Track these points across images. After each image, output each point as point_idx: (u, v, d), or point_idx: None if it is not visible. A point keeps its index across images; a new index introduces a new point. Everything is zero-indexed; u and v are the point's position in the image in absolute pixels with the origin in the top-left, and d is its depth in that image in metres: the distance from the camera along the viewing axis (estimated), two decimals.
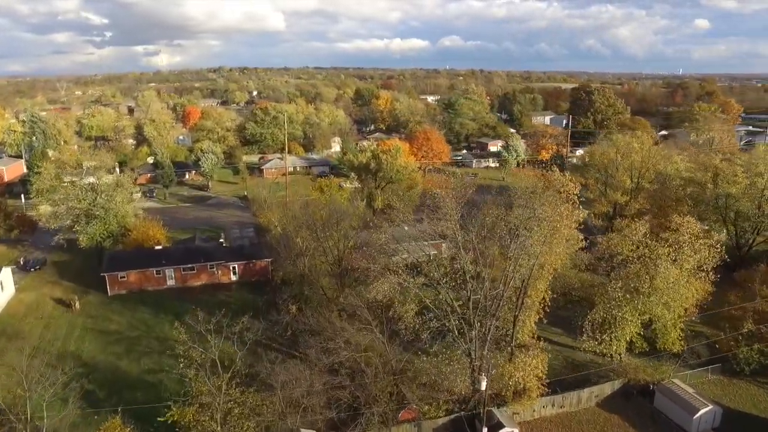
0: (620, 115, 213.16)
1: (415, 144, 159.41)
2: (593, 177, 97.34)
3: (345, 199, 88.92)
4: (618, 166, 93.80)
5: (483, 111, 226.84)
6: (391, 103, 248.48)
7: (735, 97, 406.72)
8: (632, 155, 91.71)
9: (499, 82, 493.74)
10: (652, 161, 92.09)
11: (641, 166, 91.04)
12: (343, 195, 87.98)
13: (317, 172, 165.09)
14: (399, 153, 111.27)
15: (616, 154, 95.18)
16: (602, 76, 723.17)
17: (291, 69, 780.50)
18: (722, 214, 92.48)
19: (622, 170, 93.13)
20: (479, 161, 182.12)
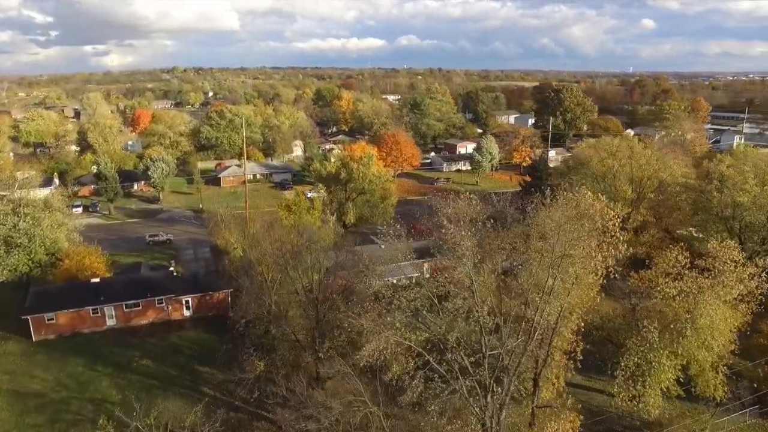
0: (589, 113, 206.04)
1: (384, 148, 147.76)
2: (590, 186, 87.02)
3: (316, 218, 76.20)
4: (616, 173, 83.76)
5: (450, 111, 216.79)
6: (353, 104, 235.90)
7: (686, 95, 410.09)
8: (633, 161, 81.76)
9: (458, 81, 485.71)
10: (654, 168, 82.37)
11: (643, 174, 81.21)
12: (315, 214, 75.30)
13: (279, 180, 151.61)
14: (371, 161, 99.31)
15: (614, 160, 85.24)
16: (557, 75, 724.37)
17: (248, 69, 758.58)
18: (728, 225, 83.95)
19: (623, 178, 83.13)
20: (449, 164, 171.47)
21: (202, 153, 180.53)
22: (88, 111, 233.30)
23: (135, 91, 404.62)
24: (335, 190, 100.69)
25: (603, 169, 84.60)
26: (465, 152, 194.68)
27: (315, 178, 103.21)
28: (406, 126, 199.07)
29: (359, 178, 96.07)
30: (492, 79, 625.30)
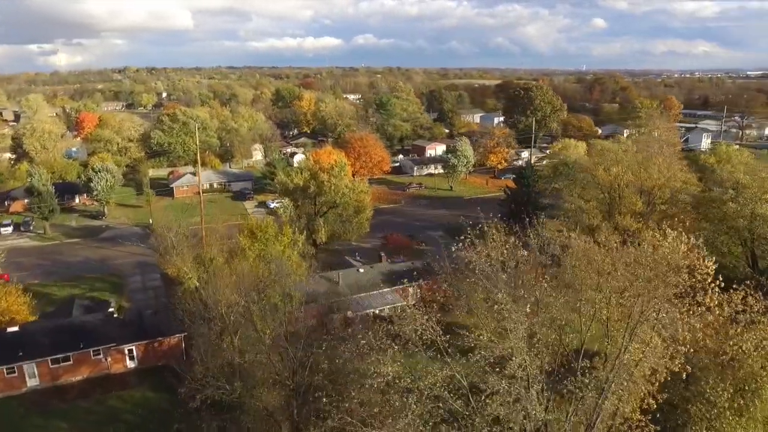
0: (559, 112, 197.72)
1: (351, 152, 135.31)
2: (593, 197, 76.72)
3: (286, 246, 63.20)
4: (625, 183, 73.45)
5: (417, 111, 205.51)
6: (315, 104, 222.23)
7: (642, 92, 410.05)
8: (643, 169, 71.58)
9: (419, 80, 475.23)
10: (666, 176, 72.36)
11: (654, 183, 71.15)
12: (284, 241, 62.22)
13: (238, 189, 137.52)
14: (343, 171, 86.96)
15: (621, 168, 74.96)
16: (514, 73, 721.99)
17: (203, 69, 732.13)
18: (740, 236, 75.03)
19: (632, 188, 72.93)
20: (420, 168, 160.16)
21: (154, 160, 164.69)
22: (28, 114, 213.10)
23: (84, 92, 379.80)
24: (303, 204, 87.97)
25: (609, 179, 74.21)
26: (434, 154, 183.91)
27: (280, 192, 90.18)
28: (372, 127, 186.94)
29: (330, 191, 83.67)
30: (451, 77, 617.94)
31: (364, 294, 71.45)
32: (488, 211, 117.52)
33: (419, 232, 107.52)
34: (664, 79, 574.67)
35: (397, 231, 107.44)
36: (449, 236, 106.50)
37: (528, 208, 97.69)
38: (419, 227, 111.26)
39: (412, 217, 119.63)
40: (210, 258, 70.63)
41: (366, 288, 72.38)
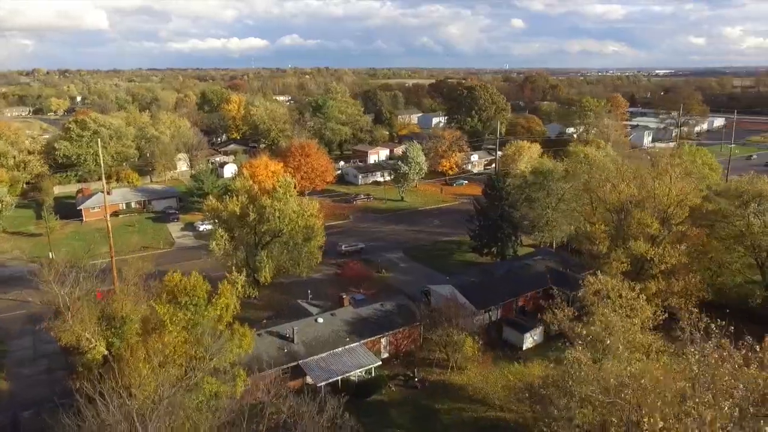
0: (504, 112, 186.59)
1: (291, 162, 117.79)
2: (600, 219, 62.92)
3: (226, 314, 44.89)
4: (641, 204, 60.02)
5: (356, 112, 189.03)
6: (245, 108, 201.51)
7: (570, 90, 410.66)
8: (658, 186, 58.38)
9: (349, 80, 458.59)
10: (685, 192, 59.54)
11: (670, 202, 58.13)
12: (222, 302, 43.97)
13: (161, 208, 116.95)
14: (289, 192, 69.70)
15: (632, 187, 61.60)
16: (441, 72, 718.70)
17: (122, 71, 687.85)
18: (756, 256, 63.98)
19: (645, 207, 59.60)
20: (365, 176, 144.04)
21: (61, 174, 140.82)
22: None
23: None
24: (241, 234, 70.15)
25: (618, 198, 60.58)
26: (378, 159, 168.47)
27: (211, 219, 71.57)
28: (310, 132, 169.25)
29: (274, 218, 66.34)
30: (381, 77, 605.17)
31: (327, 353, 54.91)
32: (451, 225, 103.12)
33: (376, 255, 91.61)
34: (585, 77, 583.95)
35: (349, 255, 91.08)
36: (410, 258, 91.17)
37: (502, 224, 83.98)
38: (375, 249, 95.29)
39: (365, 235, 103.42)
40: (122, 317, 52.35)
41: (329, 344, 55.88)
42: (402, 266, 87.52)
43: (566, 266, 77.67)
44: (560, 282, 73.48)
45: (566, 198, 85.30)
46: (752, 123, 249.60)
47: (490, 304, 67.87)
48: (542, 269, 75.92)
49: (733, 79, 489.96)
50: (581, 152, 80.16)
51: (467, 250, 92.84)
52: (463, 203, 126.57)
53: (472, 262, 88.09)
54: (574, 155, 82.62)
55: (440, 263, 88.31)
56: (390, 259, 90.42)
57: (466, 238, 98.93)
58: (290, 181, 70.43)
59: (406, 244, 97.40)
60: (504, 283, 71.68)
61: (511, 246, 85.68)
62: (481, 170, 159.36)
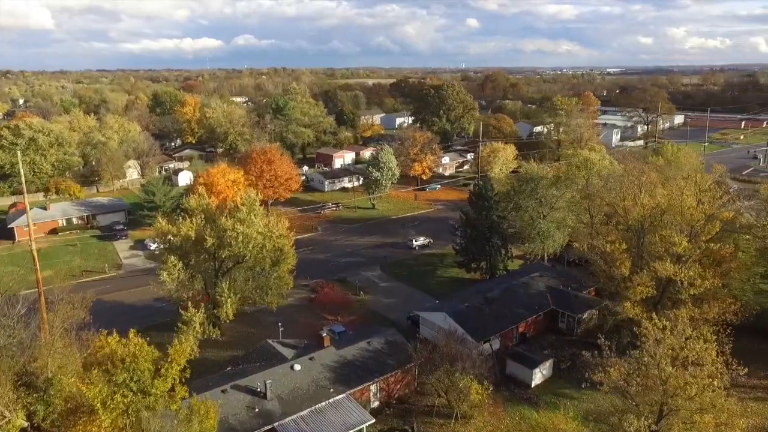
0: (473, 111, 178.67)
1: (252, 170, 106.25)
2: (616, 235, 53.96)
3: (173, 377, 34.08)
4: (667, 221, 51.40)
5: (318, 114, 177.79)
6: (200, 110, 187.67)
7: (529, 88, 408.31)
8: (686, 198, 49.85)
9: (307, 80, 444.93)
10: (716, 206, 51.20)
11: (698, 216, 49.71)
12: (172, 372, 32.98)
13: (107, 224, 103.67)
14: (254, 211, 58.71)
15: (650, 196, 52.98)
16: (399, 72, 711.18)
17: (69, 72, 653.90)
18: None
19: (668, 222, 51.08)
20: (332, 182, 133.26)
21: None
22: None
23: None
24: (199, 262, 58.88)
25: (642, 213, 51.84)
26: (344, 164, 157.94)
27: (161, 245, 59.70)
28: (270, 135, 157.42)
29: (237, 242, 55.35)
30: (339, 77, 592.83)
31: (307, 410, 44.48)
32: (430, 235, 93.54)
33: (352, 274, 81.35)
34: (542, 76, 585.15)
35: (322, 274, 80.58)
36: (390, 276, 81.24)
37: (492, 236, 74.86)
38: (350, 265, 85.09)
39: (337, 249, 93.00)
40: (48, 378, 41.25)
41: (309, 397, 45.46)
42: (382, 286, 77.47)
43: (566, 283, 69.20)
44: (563, 303, 64.95)
45: (559, 206, 76.86)
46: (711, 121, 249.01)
47: (490, 333, 58.58)
48: (542, 288, 67.20)
49: (682, 77, 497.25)
50: (579, 156, 71.71)
51: (451, 265, 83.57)
52: (439, 210, 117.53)
53: (459, 279, 78.79)
54: (570, 159, 74.02)
55: (424, 281, 78.69)
56: (368, 277, 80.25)
57: (448, 250, 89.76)
58: (254, 197, 59.25)
59: (383, 259, 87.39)
60: (501, 306, 62.51)
61: (501, 260, 76.69)
62: (453, 173, 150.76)
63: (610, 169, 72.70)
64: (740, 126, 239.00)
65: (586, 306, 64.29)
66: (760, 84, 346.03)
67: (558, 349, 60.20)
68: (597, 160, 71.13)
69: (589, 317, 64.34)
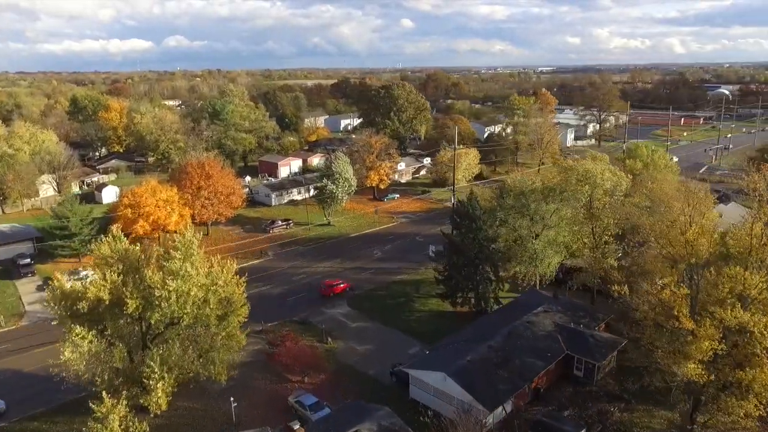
0: (425, 112, 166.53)
1: (188, 186, 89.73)
2: (672, 276, 41.56)
3: None
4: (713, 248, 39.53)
5: (260, 118, 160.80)
6: (127, 116, 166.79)
7: (470, 87, 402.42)
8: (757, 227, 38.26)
9: (244, 81, 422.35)
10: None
11: None
12: None
13: (11, 257, 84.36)
14: (191, 256, 43.20)
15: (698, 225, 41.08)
16: (336, 72, 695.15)
17: None
18: None
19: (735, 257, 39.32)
20: (279, 194, 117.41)
21: None
22: None
23: None
24: (118, 327, 42.90)
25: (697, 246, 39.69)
26: (290, 173, 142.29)
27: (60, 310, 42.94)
28: (207, 142, 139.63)
29: (170, 303, 39.96)
30: (276, 78, 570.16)
31: None
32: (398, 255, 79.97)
33: (314, 312, 66.85)
34: (479, 75, 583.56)
35: (278, 314, 65.73)
36: (360, 313, 67.22)
37: (482, 264, 62.21)
38: (310, 301, 70.46)
39: (292, 280, 78.03)
40: None
41: None
42: (352, 327, 63.35)
43: (574, 317, 57.40)
44: (579, 346, 52.85)
45: (553, 223, 64.91)
46: (652, 118, 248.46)
47: (503, 397, 45.76)
48: (550, 327, 54.98)
49: (612, 75, 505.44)
50: (580, 168, 60.02)
51: (430, 294, 70.57)
52: (403, 224, 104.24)
53: (442, 313, 65.72)
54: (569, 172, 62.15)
55: (401, 318, 65.14)
56: (333, 316, 65.94)
57: (423, 275, 76.75)
58: (192, 237, 43.72)
59: (349, 290, 73.14)
60: (508, 356, 49.79)
61: (492, 291, 64.17)
62: (410, 179, 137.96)
63: (615, 181, 61.38)
64: (680, 123, 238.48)
65: (607, 349, 52.58)
66: (689, 82, 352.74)
67: (580, 407, 48.21)
68: (600, 173, 59.57)
69: (609, 360, 52.89)
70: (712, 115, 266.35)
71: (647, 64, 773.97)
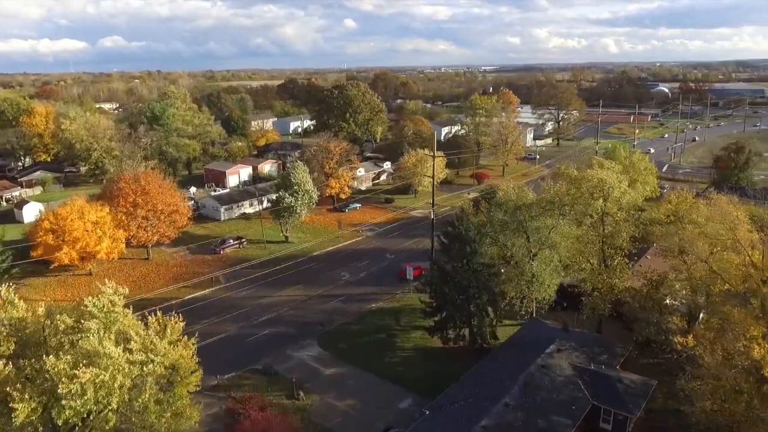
0: (381, 113, 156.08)
1: (121, 204, 75.92)
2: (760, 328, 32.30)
3: None
4: None
5: (205, 122, 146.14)
6: (55, 121, 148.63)
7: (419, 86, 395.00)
8: None
9: (185, 83, 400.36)
10: None
11: None
12: None
13: None
14: (115, 322, 30.86)
15: None
16: (281, 73, 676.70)
17: None
18: None
19: None
20: (230, 208, 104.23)
21: None
22: None
23: None
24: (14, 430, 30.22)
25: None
26: (240, 181, 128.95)
27: None
28: (146, 150, 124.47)
29: (87, 397, 27.71)
30: (219, 79, 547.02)
31: None
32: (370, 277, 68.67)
33: (279, 356, 55.12)
34: (426, 74, 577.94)
35: (236, 362, 53.73)
36: (334, 356, 55.99)
37: (478, 293, 52.28)
38: (273, 340, 58.61)
39: (250, 313, 65.70)
40: None
41: None
42: (327, 375, 52.01)
43: (591, 354, 48.10)
44: (606, 395, 43.36)
45: (554, 242, 55.46)
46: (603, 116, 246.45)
47: None
48: (568, 370, 45.38)
49: (555, 74, 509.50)
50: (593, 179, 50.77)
51: (413, 325, 60.29)
52: (369, 239, 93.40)
53: (430, 351, 55.37)
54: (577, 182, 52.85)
55: (383, 360, 54.31)
56: (303, 361, 54.44)
57: (402, 300, 66.48)
58: (114, 296, 31.34)
59: (315, 324, 61.76)
60: (529, 416, 39.91)
61: (489, 325, 54.27)
62: (369, 186, 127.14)
63: (634, 196, 52.58)
64: (629, 120, 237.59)
65: (639, 396, 43.40)
66: (632, 80, 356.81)
67: None
68: (617, 184, 50.52)
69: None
70: (657, 112, 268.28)
71: (585, 63, 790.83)
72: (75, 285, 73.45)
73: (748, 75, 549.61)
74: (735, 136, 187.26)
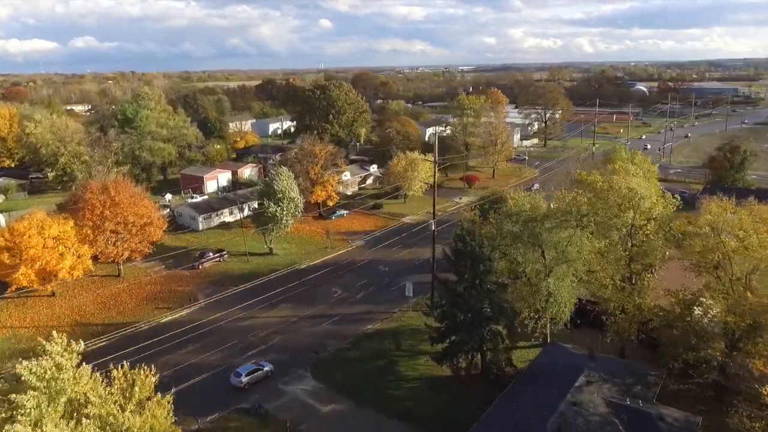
0: (365, 114, 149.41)
1: (88, 216, 68.10)
2: None
3: None
4: None
5: (181, 124, 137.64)
6: (19, 125, 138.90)
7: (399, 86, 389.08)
8: None
9: (160, 84, 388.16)
10: None
11: None
12: None
13: None
14: (63, 393, 23.99)
15: None
16: (258, 73, 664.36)
17: None
18: None
19: None
20: (208, 217, 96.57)
21: None
22: None
23: None
24: None
25: None
26: (218, 187, 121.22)
27: None
28: (117, 155, 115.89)
29: None
30: (195, 80, 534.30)
31: None
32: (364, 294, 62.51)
33: (268, 392, 48.24)
34: (405, 74, 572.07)
35: (218, 399, 46.77)
36: (330, 389, 49.30)
37: (492, 316, 46.17)
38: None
39: (230, 339, 58.68)
40: None
41: None
42: (324, 414, 45.32)
43: (623, 386, 42.30)
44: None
45: (572, 257, 49.54)
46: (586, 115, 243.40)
47: None
48: (602, 407, 39.39)
49: (532, 73, 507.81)
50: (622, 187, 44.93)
51: (416, 350, 54.02)
52: (358, 248, 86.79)
53: (438, 381, 49.09)
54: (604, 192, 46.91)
55: (386, 393, 47.86)
56: (295, 396, 47.65)
57: (401, 320, 60.27)
58: (61, 360, 24.05)
59: (308, 351, 55.00)
60: None
61: (504, 352, 48.16)
62: (356, 191, 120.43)
63: (666, 207, 46.79)
64: (613, 119, 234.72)
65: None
66: (611, 79, 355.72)
67: None
68: (649, 194, 44.79)
69: None
70: (638, 111, 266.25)
71: (562, 63, 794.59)
72: (35, 308, 65.44)
73: (720, 74, 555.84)
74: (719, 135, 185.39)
